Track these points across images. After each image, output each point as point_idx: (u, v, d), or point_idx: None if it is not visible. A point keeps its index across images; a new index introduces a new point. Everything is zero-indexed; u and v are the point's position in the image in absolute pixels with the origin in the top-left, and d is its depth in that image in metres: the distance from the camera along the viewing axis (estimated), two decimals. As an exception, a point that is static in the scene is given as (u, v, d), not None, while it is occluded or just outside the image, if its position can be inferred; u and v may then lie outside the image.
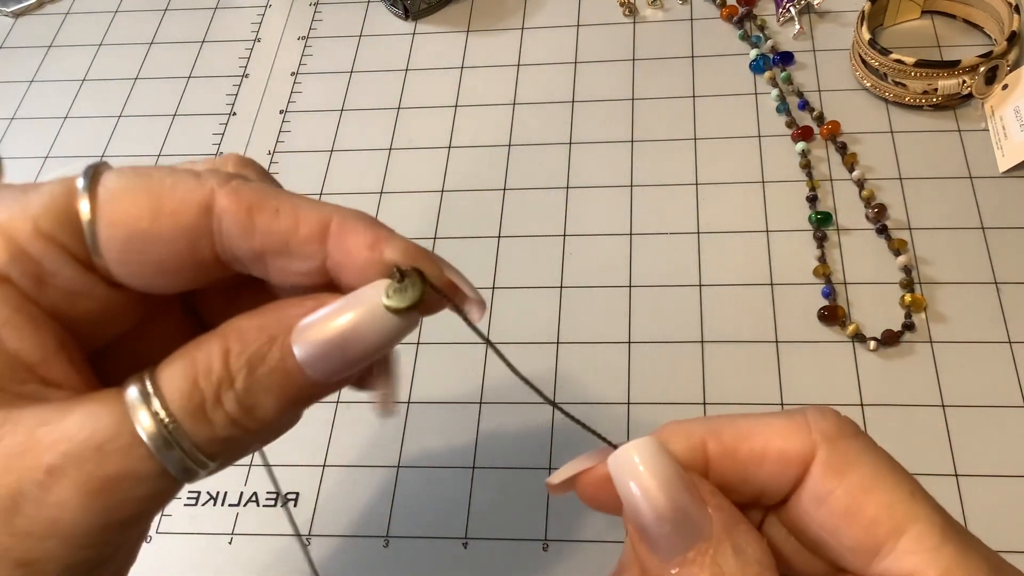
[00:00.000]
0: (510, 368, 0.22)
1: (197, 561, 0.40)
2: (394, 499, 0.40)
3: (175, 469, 0.18)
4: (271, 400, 0.18)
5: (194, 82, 0.58)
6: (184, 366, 0.18)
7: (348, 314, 0.19)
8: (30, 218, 0.19)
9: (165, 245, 0.19)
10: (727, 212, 0.47)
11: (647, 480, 0.19)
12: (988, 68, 0.46)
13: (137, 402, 0.18)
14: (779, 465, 0.19)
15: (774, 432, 0.20)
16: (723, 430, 0.20)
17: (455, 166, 0.51)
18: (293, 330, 0.19)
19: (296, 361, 0.18)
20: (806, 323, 0.43)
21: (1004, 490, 0.37)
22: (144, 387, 0.18)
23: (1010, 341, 0.41)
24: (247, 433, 0.19)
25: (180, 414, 0.18)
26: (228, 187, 0.19)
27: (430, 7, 0.58)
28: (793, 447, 0.19)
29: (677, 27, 0.55)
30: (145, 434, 0.18)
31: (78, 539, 0.18)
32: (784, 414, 0.20)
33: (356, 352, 0.19)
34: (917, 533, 0.18)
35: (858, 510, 0.19)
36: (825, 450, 0.19)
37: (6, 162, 0.56)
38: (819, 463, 0.19)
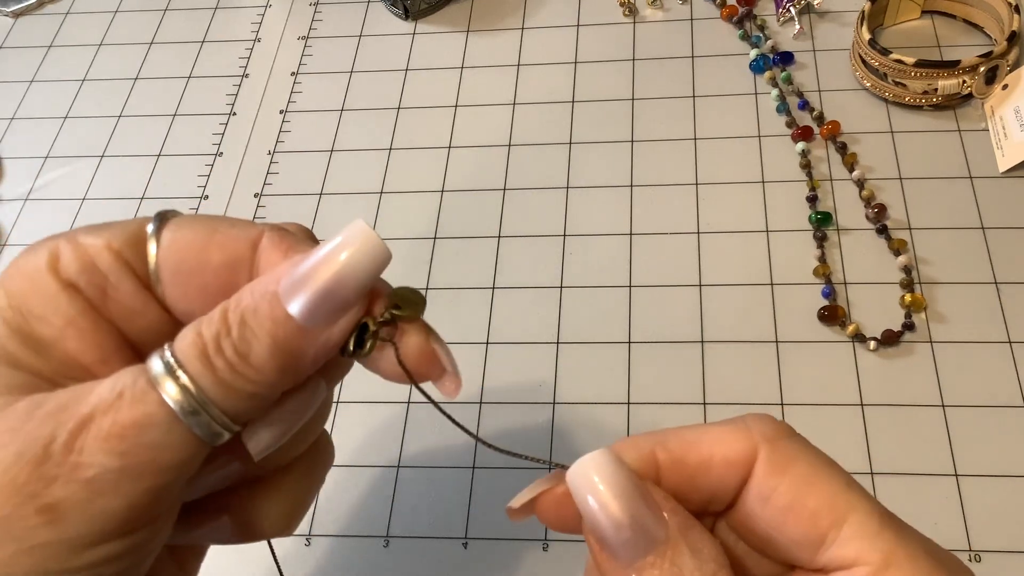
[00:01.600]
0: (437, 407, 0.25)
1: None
2: (394, 499, 0.40)
3: (188, 418, 0.19)
4: (263, 346, 0.20)
5: (194, 82, 0.58)
6: (192, 325, 0.21)
7: (324, 261, 0.20)
8: (104, 238, 0.22)
9: (213, 271, 0.22)
10: (727, 212, 0.47)
11: (603, 491, 0.20)
12: (988, 68, 0.46)
13: (155, 360, 0.20)
14: (725, 468, 0.21)
15: (718, 438, 0.21)
16: (670, 440, 0.21)
17: (455, 166, 0.51)
18: (279, 282, 0.21)
19: (283, 309, 0.20)
20: (806, 323, 0.43)
21: (1004, 490, 0.37)
22: (162, 350, 0.20)
23: (1010, 341, 0.41)
24: (246, 380, 0.20)
25: (186, 359, 0.20)
26: (276, 234, 0.22)
27: (430, 7, 0.58)
28: (736, 450, 0.21)
29: (677, 27, 0.55)
30: (160, 384, 0.19)
31: (99, 485, 0.19)
32: (726, 421, 0.21)
33: (337, 294, 0.20)
34: (857, 521, 0.19)
35: (801, 504, 0.20)
36: (766, 450, 0.20)
37: (6, 162, 0.56)
38: (761, 463, 0.20)
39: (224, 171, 0.53)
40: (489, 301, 0.45)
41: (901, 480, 0.38)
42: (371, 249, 0.20)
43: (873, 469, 0.38)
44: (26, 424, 0.19)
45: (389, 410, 0.43)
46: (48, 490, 0.19)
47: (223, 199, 0.52)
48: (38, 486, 0.19)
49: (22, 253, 0.22)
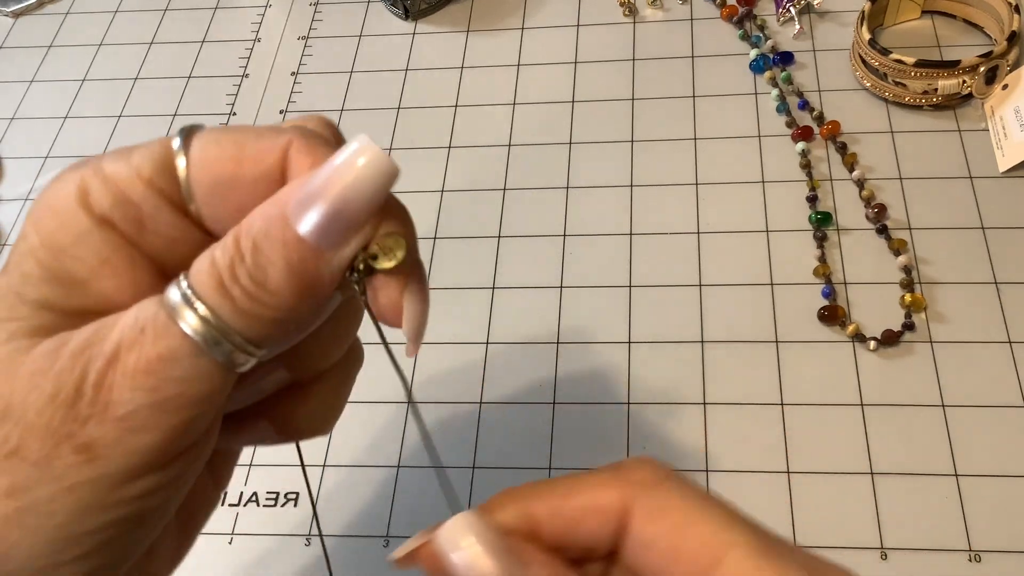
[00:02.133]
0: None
1: (197, 561, 0.40)
2: (394, 499, 0.40)
3: (212, 348, 0.19)
4: (278, 271, 0.20)
5: (194, 82, 0.58)
6: (205, 255, 0.20)
7: (330, 180, 0.20)
8: (133, 168, 0.21)
9: (248, 187, 0.21)
10: (727, 212, 0.47)
11: (467, 553, 0.20)
12: (988, 68, 0.46)
13: (173, 291, 0.20)
14: (600, 517, 0.21)
15: (593, 487, 0.21)
16: (546, 493, 0.22)
17: (455, 166, 0.51)
18: (288, 204, 0.20)
19: (294, 232, 0.20)
20: (806, 323, 0.43)
21: (1004, 490, 0.37)
22: (178, 280, 0.20)
23: (1010, 341, 0.41)
24: (266, 306, 0.20)
25: (204, 291, 0.19)
26: (303, 140, 0.21)
27: (430, 7, 0.58)
28: (610, 499, 0.21)
29: (677, 27, 0.55)
30: (179, 316, 0.19)
31: (131, 422, 0.19)
32: (603, 468, 0.22)
33: (347, 212, 0.20)
34: (736, 557, 0.19)
35: (680, 548, 0.20)
36: (642, 498, 0.21)
37: (6, 162, 0.56)
38: (639, 510, 0.21)
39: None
40: (489, 301, 0.45)
41: (901, 480, 0.38)
42: (378, 165, 0.20)
43: (873, 469, 0.38)
44: (54, 364, 0.19)
45: (389, 410, 0.43)
46: (83, 430, 0.19)
47: (223, 199, 0.52)
48: (73, 426, 0.19)
49: (47, 188, 0.21)
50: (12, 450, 0.19)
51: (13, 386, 0.19)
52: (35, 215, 0.21)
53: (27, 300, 0.20)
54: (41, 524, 0.19)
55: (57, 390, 0.19)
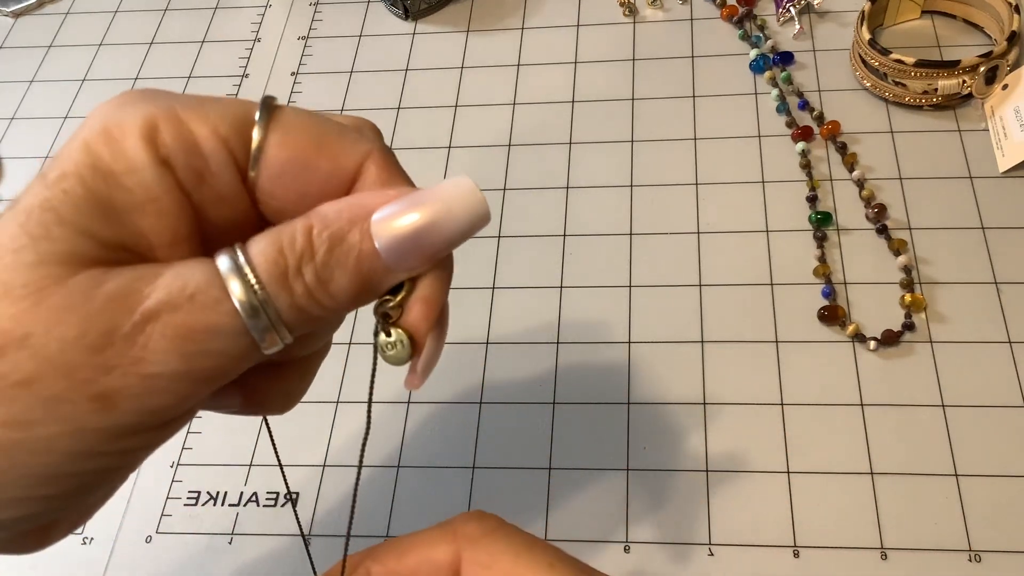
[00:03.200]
0: None
1: (197, 561, 0.40)
2: (394, 499, 0.40)
3: (256, 332, 0.19)
4: (346, 277, 0.20)
5: (194, 82, 0.58)
6: (272, 239, 0.20)
7: (425, 208, 0.20)
8: (210, 121, 0.20)
9: (318, 178, 0.21)
10: (727, 212, 0.47)
11: None
12: (988, 68, 0.46)
13: (229, 266, 0.19)
14: (434, 573, 0.22)
15: (426, 544, 0.22)
16: (382, 553, 0.23)
17: (455, 166, 0.51)
18: (372, 216, 0.20)
19: (372, 244, 0.20)
20: (806, 323, 0.43)
21: (1004, 490, 0.37)
22: (235, 255, 0.19)
23: (1010, 341, 0.41)
24: (320, 307, 0.20)
25: (266, 278, 0.19)
26: (383, 156, 0.22)
27: (430, 7, 0.58)
28: (442, 554, 0.22)
29: (677, 27, 0.55)
30: (234, 295, 0.19)
31: (157, 382, 0.19)
32: (436, 526, 0.23)
33: (429, 242, 0.20)
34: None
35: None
36: (469, 551, 0.22)
37: (6, 162, 0.56)
38: (467, 563, 0.22)
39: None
40: (489, 301, 0.45)
41: (901, 480, 0.38)
42: (475, 208, 0.20)
43: (873, 469, 0.38)
44: (86, 305, 0.18)
45: (389, 410, 0.43)
46: (105, 379, 0.18)
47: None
48: (94, 373, 0.18)
49: (105, 110, 0.20)
50: (23, 380, 0.18)
51: (38, 315, 0.18)
52: (88, 137, 0.19)
53: (65, 221, 0.19)
54: (31, 461, 0.19)
55: (84, 332, 0.18)
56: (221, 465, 0.42)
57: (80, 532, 0.41)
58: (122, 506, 0.42)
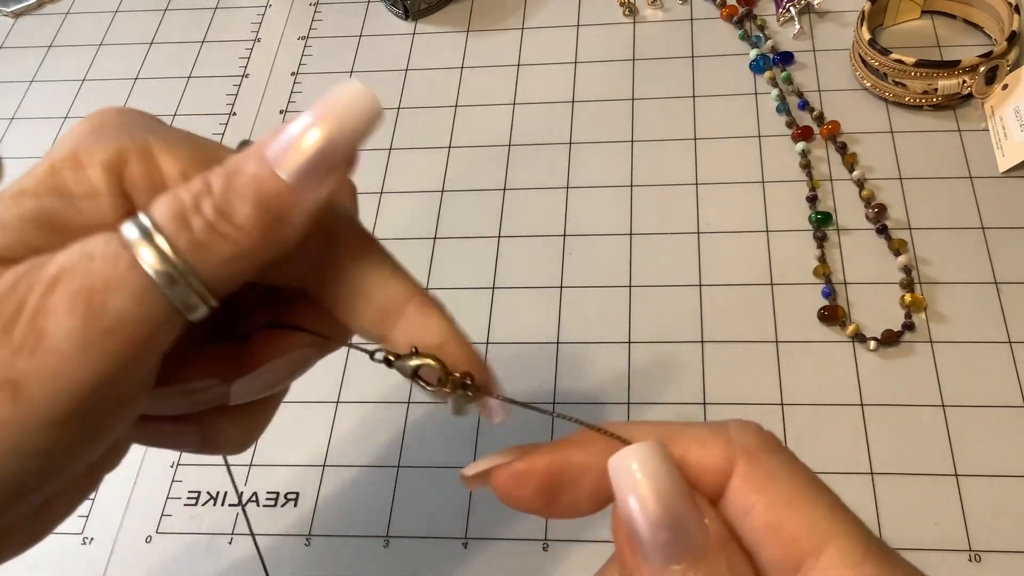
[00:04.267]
0: None
1: (197, 561, 0.40)
2: (394, 499, 0.40)
3: (165, 283, 0.18)
4: (247, 205, 0.19)
5: (194, 82, 0.58)
6: (172, 191, 0.19)
7: (319, 127, 0.19)
8: (181, 162, 0.21)
9: None
10: (727, 212, 0.47)
11: (645, 486, 0.19)
12: (988, 68, 0.46)
13: (129, 224, 0.19)
14: (697, 472, 0.19)
15: (694, 440, 0.20)
16: (645, 433, 0.20)
17: (455, 166, 0.51)
18: (267, 149, 0.19)
19: (270, 168, 0.19)
20: (806, 323, 0.43)
21: (1004, 490, 0.37)
22: (136, 215, 0.19)
23: (1010, 341, 0.41)
24: (226, 241, 0.19)
25: (161, 219, 0.18)
26: (354, 224, 0.22)
27: (430, 7, 0.58)
28: (712, 457, 0.19)
29: (677, 27, 0.55)
30: (132, 245, 0.18)
31: (64, 355, 0.18)
32: (707, 424, 0.20)
33: (330, 159, 0.19)
34: (838, 549, 0.18)
35: (779, 525, 0.18)
36: (745, 464, 0.19)
37: (6, 162, 0.56)
38: (739, 476, 0.19)
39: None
40: (489, 301, 0.45)
41: (901, 480, 0.38)
42: (366, 109, 0.19)
43: (873, 469, 0.38)
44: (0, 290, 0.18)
45: (389, 410, 0.43)
46: (12, 361, 0.17)
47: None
48: (4, 356, 0.17)
49: (83, 131, 0.20)
50: None
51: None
52: (56, 160, 0.20)
53: (8, 228, 0.19)
54: None
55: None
56: (221, 465, 0.42)
57: (80, 532, 0.41)
58: (122, 506, 0.42)
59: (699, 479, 0.19)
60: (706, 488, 0.19)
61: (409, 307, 0.22)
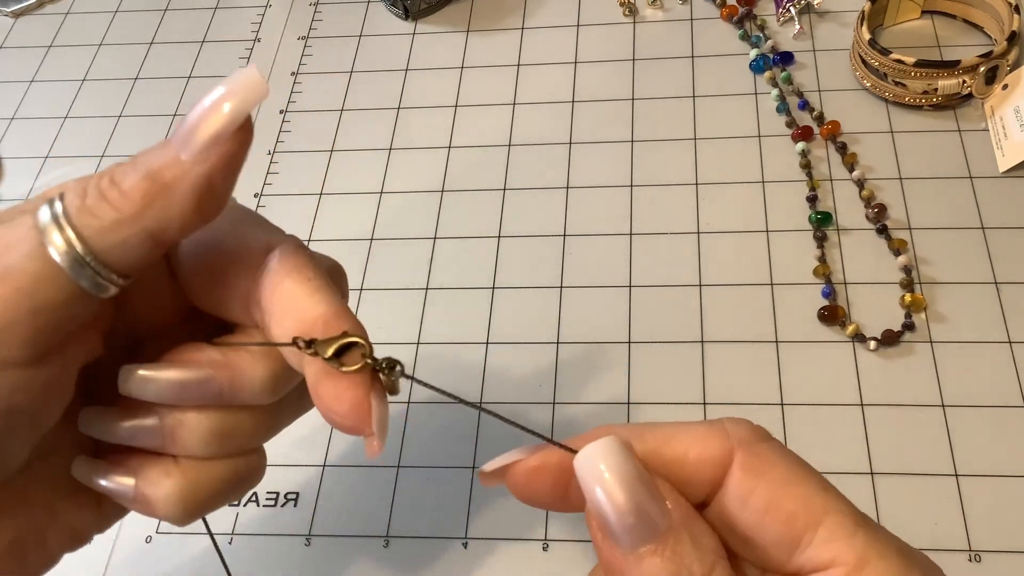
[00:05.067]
0: None
1: (197, 561, 0.40)
2: (394, 499, 0.40)
3: (62, 257, 0.20)
4: (135, 174, 0.21)
5: (194, 82, 0.58)
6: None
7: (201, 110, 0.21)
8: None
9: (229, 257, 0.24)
10: (727, 212, 0.47)
11: (609, 478, 0.20)
12: (988, 68, 0.46)
13: (42, 207, 0.21)
14: (698, 466, 0.21)
15: (694, 437, 0.21)
16: (647, 433, 0.22)
17: (455, 166, 0.51)
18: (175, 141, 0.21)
19: (164, 144, 0.21)
20: (806, 323, 0.43)
21: (1004, 490, 0.37)
22: (53, 198, 0.21)
23: (1010, 341, 0.41)
24: (111, 207, 0.20)
25: (68, 193, 0.21)
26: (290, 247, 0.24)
27: (430, 7, 0.58)
28: (711, 450, 0.21)
29: (677, 27, 0.55)
30: (37, 217, 0.20)
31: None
32: (704, 422, 0.22)
33: (205, 134, 0.21)
34: (832, 523, 0.20)
35: (777, 506, 0.20)
36: (742, 453, 0.21)
37: (6, 162, 0.56)
38: (738, 465, 0.21)
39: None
40: (489, 301, 0.45)
41: (901, 480, 0.38)
42: (255, 93, 0.21)
43: (873, 469, 0.38)
44: None
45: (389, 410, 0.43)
46: None
47: (223, 199, 0.52)
48: None
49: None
50: None
51: None
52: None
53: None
54: None
55: None
56: (221, 465, 0.42)
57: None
58: (122, 506, 0.42)
59: (699, 472, 0.21)
60: (706, 479, 0.21)
61: (323, 321, 0.23)
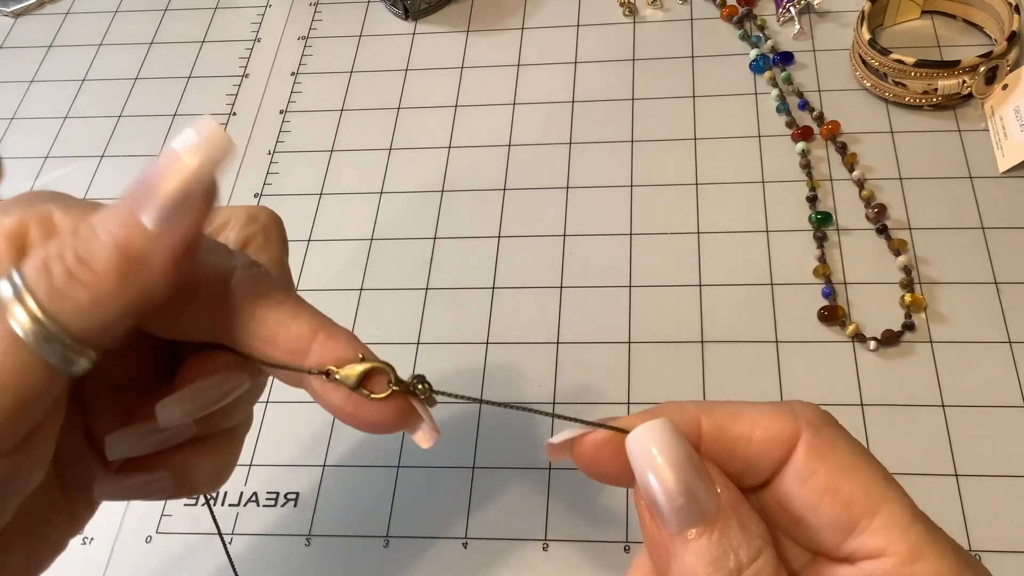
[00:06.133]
0: None
1: (197, 561, 0.40)
2: (394, 499, 0.40)
3: (24, 332, 0.19)
4: (103, 248, 0.19)
5: (194, 82, 0.58)
6: (47, 240, 0.20)
7: (160, 167, 0.20)
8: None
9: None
10: (727, 212, 0.47)
11: (660, 461, 0.20)
12: (988, 68, 0.46)
13: (3, 280, 0.19)
14: (765, 444, 0.21)
15: (763, 415, 0.22)
16: (715, 410, 0.22)
17: (455, 166, 0.51)
18: (129, 192, 0.20)
19: (129, 211, 0.19)
20: (806, 323, 0.43)
21: (1004, 490, 0.37)
22: (11, 271, 0.19)
23: (1010, 341, 0.41)
24: (85, 288, 0.19)
25: (28, 272, 0.19)
26: (248, 273, 0.22)
27: (430, 7, 0.58)
28: (779, 428, 0.21)
29: (677, 27, 0.55)
30: (3, 299, 0.19)
31: None
32: (771, 403, 0.22)
33: (188, 200, 0.20)
34: (889, 512, 0.20)
35: (837, 489, 0.20)
36: (809, 434, 0.21)
37: (6, 162, 0.56)
38: (803, 445, 0.21)
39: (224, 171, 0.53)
40: (489, 301, 0.45)
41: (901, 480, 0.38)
42: (220, 149, 0.20)
43: (873, 469, 0.38)
44: None
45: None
46: None
47: (223, 199, 0.52)
48: None
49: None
50: None
51: None
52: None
53: None
54: None
55: None
56: (221, 465, 0.42)
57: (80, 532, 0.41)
58: (122, 506, 0.42)
59: (765, 450, 0.21)
60: (771, 458, 0.21)
61: (317, 340, 0.22)
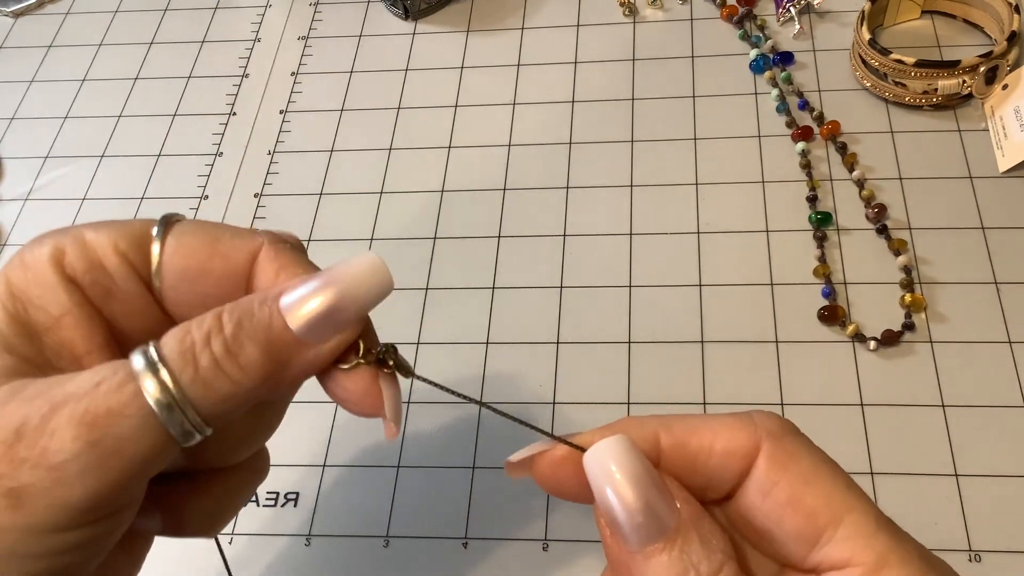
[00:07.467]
0: None
1: (197, 561, 0.40)
2: (394, 499, 0.40)
3: (163, 413, 0.19)
4: (256, 348, 0.20)
5: (194, 82, 0.58)
6: (183, 324, 0.21)
7: (331, 289, 0.21)
8: (111, 240, 0.22)
9: (215, 278, 0.22)
10: (727, 212, 0.47)
11: (619, 478, 0.20)
12: (988, 68, 0.46)
13: (138, 353, 0.20)
14: (725, 457, 0.21)
15: (723, 428, 0.21)
16: (674, 424, 0.22)
17: (455, 166, 0.51)
18: (281, 299, 0.21)
19: (281, 317, 0.21)
20: (806, 323, 0.43)
21: (1004, 490, 0.37)
22: (147, 346, 0.20)
23: (1010, 341, 0.41)
24: (229, 380, 0.20)
25: (169, 354, 0.20)
26: (272, 247, 0.23)
27: (430, 7, 0.58)
28: (739, 441, 0.21)
29: (677, 27, 0.55)
30: (139, 375, 0.19)
31: (64, 474, 0.19)
32: (732, 414, 0.22)
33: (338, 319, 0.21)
34: (853, 521, 0.20)
35: (800, 500, 0.20)
36: (769, 445, 0.21)
37: (6, 162, 0.56)
38: (764, 457, 0.21)
39: (224, 171, 0.53)
40: (489, 301, 0.45)
41: (901, 480, 0.38)
42: (380, 281, 0.21)
43: (873, 469, 0.38)
44: (4, 407, 0.19)
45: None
46: (16, 473, 0.19)
47: (223, 199, 0.52)
48: (8, 467, 0.19)
49: (26, 246, 0.22)
50: None
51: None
52: (8, 268, 0.22)
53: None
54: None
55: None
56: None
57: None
58: (122, 506, 0.42)
59: (726, 463, 0.21)
60: (733, 470, 0.21)
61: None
